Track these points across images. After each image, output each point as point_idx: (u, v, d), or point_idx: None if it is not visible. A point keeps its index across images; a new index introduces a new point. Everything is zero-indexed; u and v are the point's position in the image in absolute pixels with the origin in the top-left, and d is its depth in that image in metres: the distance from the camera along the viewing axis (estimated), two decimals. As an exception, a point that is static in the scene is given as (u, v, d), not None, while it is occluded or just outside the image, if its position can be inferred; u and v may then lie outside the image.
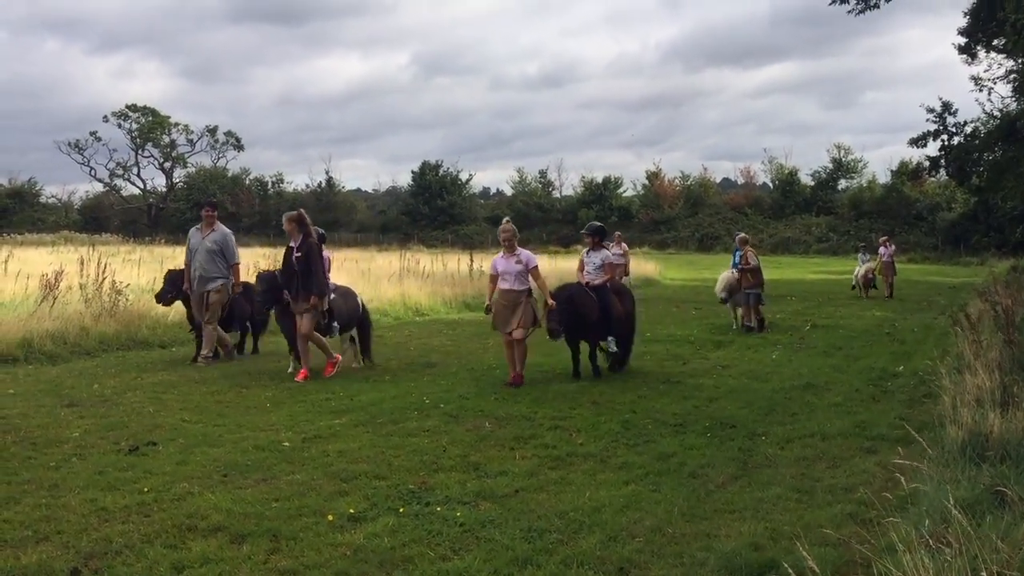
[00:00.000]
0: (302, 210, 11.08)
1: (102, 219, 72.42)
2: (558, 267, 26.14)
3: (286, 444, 7.18)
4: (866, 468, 6.61)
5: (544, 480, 6.26)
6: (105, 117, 78.01)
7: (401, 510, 5.54)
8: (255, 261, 22.35)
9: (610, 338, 10.73)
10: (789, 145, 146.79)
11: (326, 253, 11.43)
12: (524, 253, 10.35)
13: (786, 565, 4.01)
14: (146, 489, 5.89)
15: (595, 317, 10.51)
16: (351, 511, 5.48)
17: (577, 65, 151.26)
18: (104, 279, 14.26)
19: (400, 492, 5.92)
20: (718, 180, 75.56)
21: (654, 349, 13.34)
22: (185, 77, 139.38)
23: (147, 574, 4.50)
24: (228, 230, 12.28)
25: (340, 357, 11.12)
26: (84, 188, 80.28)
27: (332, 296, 11.25)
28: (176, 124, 79.63)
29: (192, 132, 79.87)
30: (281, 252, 11.98)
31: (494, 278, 10.43)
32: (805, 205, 65.28)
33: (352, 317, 11.58)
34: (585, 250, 11.43)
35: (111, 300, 13.72)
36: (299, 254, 10.65)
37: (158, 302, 12.50)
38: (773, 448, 7.22)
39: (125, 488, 5.91)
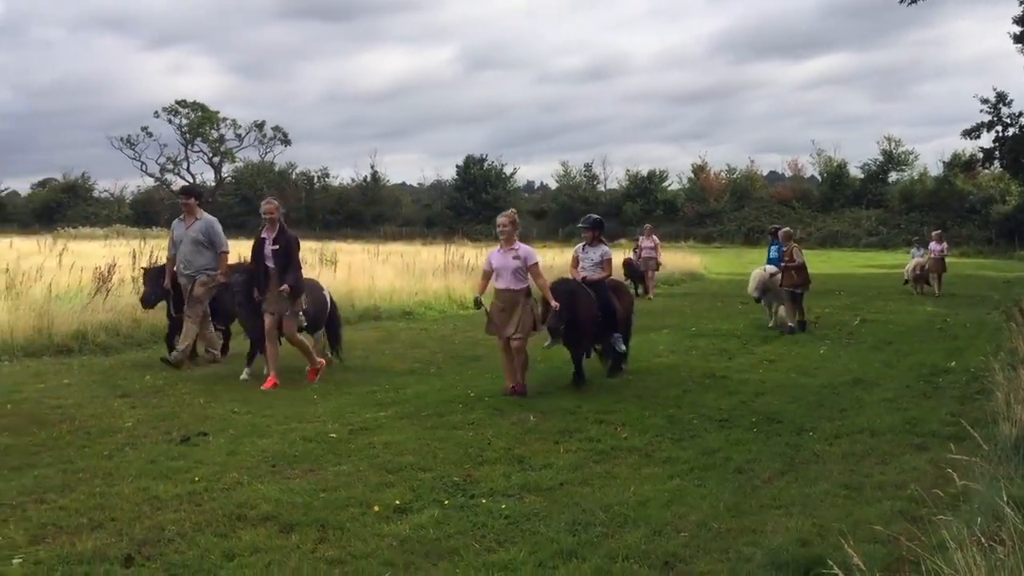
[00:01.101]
0: (273, 198, 10.28)
1: (152, 213, 73.59)
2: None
3: (333, 435, 7.27)
4: (917, 465, 6.52)
5: (589, 474, 6.26)
6: (156, 113, 79.38)
7: (446, 502, 5.58)
8: (302, 255, 22.59)
9: (616, 335, 10.01)
10: (838, 137, 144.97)
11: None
12: (523, 248, 9.32)
13: (832, 563, 3.97)
14: (197, 478, 6.00)
15: (593, 316, 9.60)
16: (397, 502, 5.53)
17: (622, 58, 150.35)
18: (155, 272, 14.48)
19: (445, 484, 5.96)
20: (765, 173, 74.72)
21: (699, 344, 13.25)
22: (235, 73, 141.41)
23: (199, 562, 4.58)
24: (213, 218, 11.47)
25: (324, 363, 10.30)
26: (135, 183, 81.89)
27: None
28: (224, 119, 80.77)
29: (240, 127, 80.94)
30: (327, 246, 11.93)
31: (487, 274, 9.51)
32: (854, 198, 64.25)
33: (320, 313, 10.67)
34: (581, 245, 10.46)
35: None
36: (276, 246, 9.72)
37: (144, 306, 11.56)
38: (821, 444, 7.14)
39: (177, 477, 6.03)
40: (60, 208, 73.95)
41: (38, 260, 18.97)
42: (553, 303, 9.05)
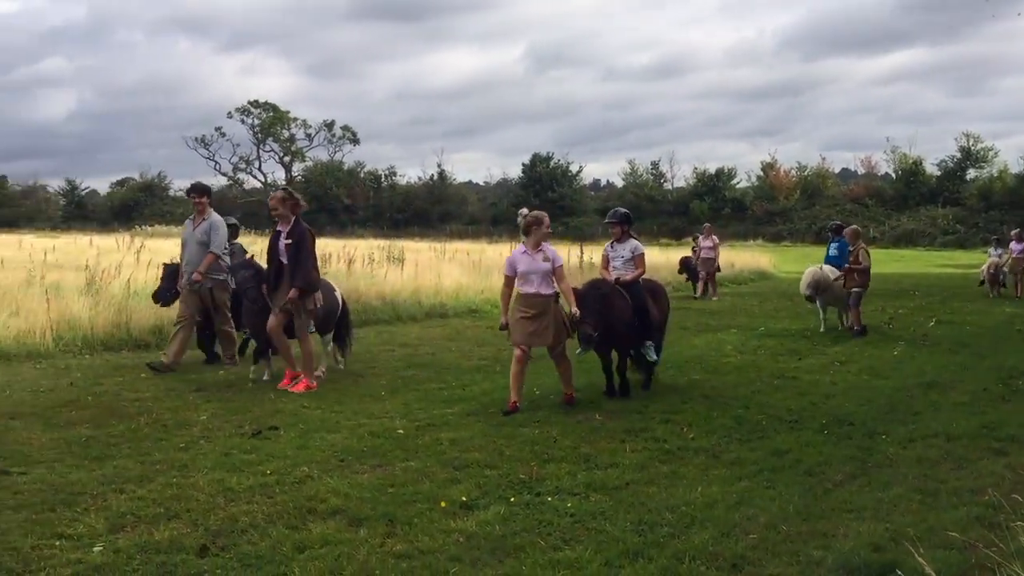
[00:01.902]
0: (290, 188, 9.67)
1: (225, 211, 74.73)
2: (671, 260, 25.86)
3: (400, 432, 7.35)
4: (994, 470, 6.33)
5: (655, 473, 6.22)
6: (229, 113, 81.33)
7: (512, 499, 5.61)
8: (370, 253, 22.91)
9: (648, 343, 9.15)
10: (913, 134, 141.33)
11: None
12: (550, 249, 8.56)
13: (906, 569, 3.88)
14: (268, 472, 6.12)
15: (628, 319, 8.87)
16: (463, 499, 5.57)
17: (691, 55, 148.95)
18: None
19: (511, 481, 5.99)
20: (837, 171, 73.53)
21: (767, 344, 13.06)
22: (307, 74, 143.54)
23: (271, 553, 4.68)
24: (219, 217, 10.93)
25: (316, 385, 9.34)
26: (209, 181, 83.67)
27: None
28: (295, 119, 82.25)
29: (310, 127, 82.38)
30: (395, 244, 11.97)
31: (510, 281, 8.62)
32: (930, 196, 62.67)
33: (332, 314, 10.20)
34: (609, 242, 9.66)
35: (235, 289, 14.25)
36: (288, 240, 9.17)
37: (156, 301, 11.36)
38: (894, 447, 6.98)
39: (249, 470, 6.16)
40: (137, 206, 76.11)
41: (117, 257, 19.54)
42: (575, 309, 8.42)
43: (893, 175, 67.95)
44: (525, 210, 8.87)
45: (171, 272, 11.17)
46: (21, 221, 72.33)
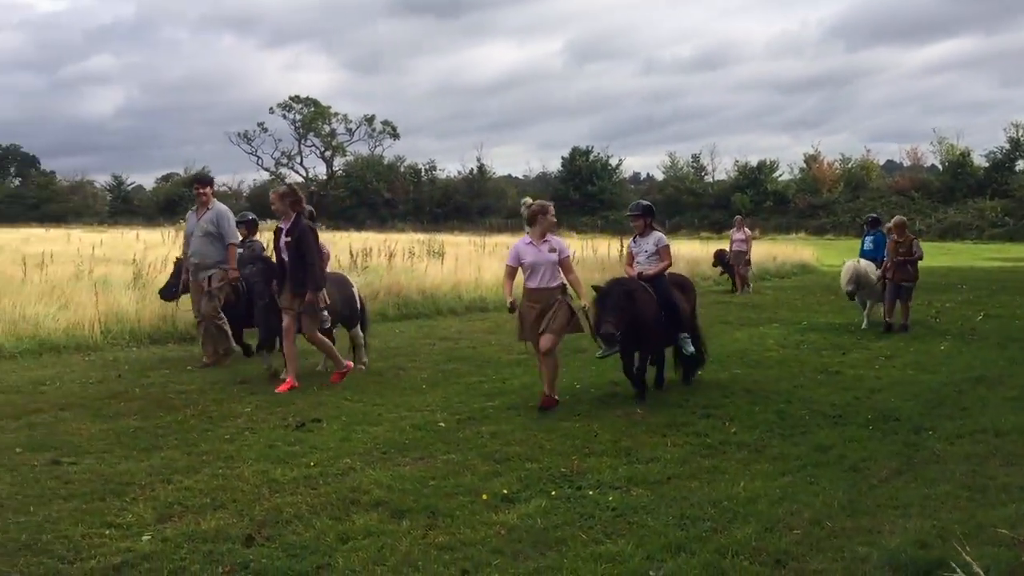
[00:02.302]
0: (293, 184, 9.28)
1: (268, 206, 75.97)
2: (710, 253, 25.62)
3: (441, 424, 7.39)
4: (1045, 467, 6.21)
5: (696, 468, 6.19)
6: (271, 108, 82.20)
7: (553, 492, 5.61)
8: (410, 247, 23.03)
9: (683, 335, 8.85)
10: (961, 125, 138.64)
11: (320, 241, 9.85)
12: (555, 239, 8.23)
13: (955, 566, 3.83)
14: (312, 463, 6.20)
15: (653, 317, 8.46)
16: (505, 491, 5.59)
17: (733, 46, 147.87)
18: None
19: (552, 475, 5.99)
20: (881, 162, 72.32)
21: (811, 338, 12.92)
22: (348, 69, 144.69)
23: (315, 543, 4.74)
24: (225, 207, 10.72)
25: (351, 364, 9.64)
26: (252, 176, 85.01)
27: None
28: (336, 114, 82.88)
29: (351, 122, 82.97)
30: (435, 238, 11.95)
31: (512, 271, 8.34)
32: (978, 188, 61.41)
33: (350, 309, 10.11)
34: (632, 237, 9.27)
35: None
36: (288, 238, 8.90)
37: (163, 297, 11.30)
38: (941, 443, 6.87)
39: (293, 462, 6.24)
40: (182, 201, 77.09)
41: (163, 251, 19.86)
42: (584, 303, 8.14)
43: (940, 167, 66.76)
44: (528, 199, 8.58)
45: (180, 268, 10.97)
46: (69, 216, 73.73)
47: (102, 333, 11.90)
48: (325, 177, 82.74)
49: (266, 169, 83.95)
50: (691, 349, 8.91)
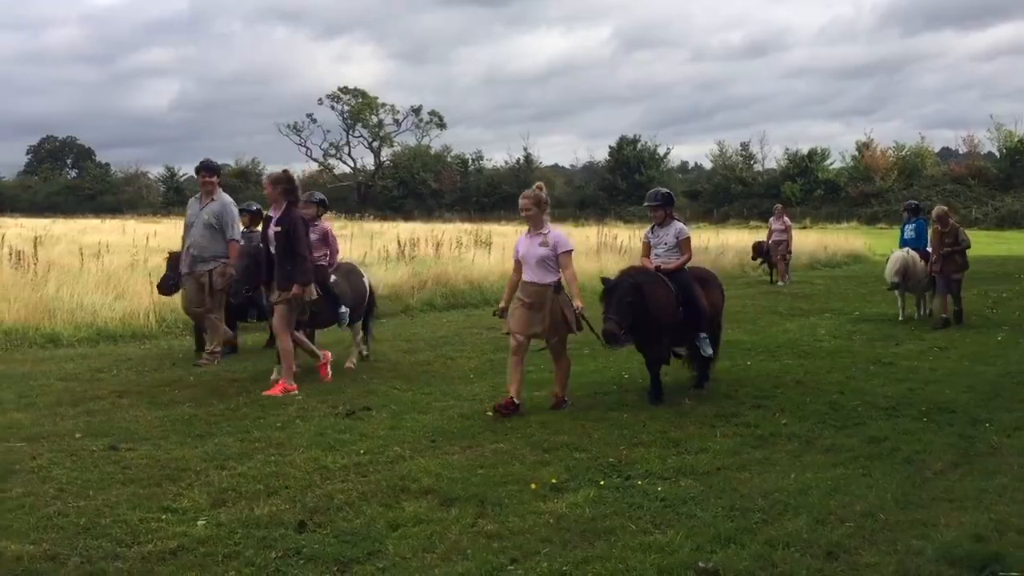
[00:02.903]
0: (288, 170, 8.94)
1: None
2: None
3: (489, 414, 7.41)
4: (1108, 461, 6.05)
5: (747, 459, 6.14)
6: (320, 100, 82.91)
7: (601, 482, 5.61)
8: (457, 237, 23.10)
9: (702, 335, 8.17)
10: (1019, 111, 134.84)
11: (325, 225, 9.82)
12: (554, 233, 7.70)
13: (1012, 560, 3.76)
14: (362, 451, 6.26)
15: (671, 313, 7.89)
16: (553, 481, 5.60)
17: (784, 32, 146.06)
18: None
19: (600, 465, 5.99)
20: (937, 150, 70.77)
21: (863, 328, 12.72)
22: (396, 59, 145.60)
23: (365, 530, 4.79)
24: (229, 199, 10.19)
25: (328, 355, 9.01)
26: (301, 167, 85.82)
27: (333, 278, 9.45)
28: (383, 104, 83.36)
29: (398, 112, 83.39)
30: (482, 228, 11.82)
31: (519, 266, 7.80)
32: (1037, 175, 59.85)
33: (360, 300, 9.73)
34: (650, 227, 8.68)
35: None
36: (278, 228, 8.37)
37: (160, 292, 10.83)
38: (998, 436, 6.72)
39: (343, 449, 6.31)
40: (232, 192, 77.97)
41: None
42: (577, 303, 7.47)
43: (997, 154, 65.15)
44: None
45: (176, 262, 10.44)
46: (124, 207, 75.15)
47: (157, 322, 12.15)
48: (373, 167, 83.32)
49: (315, 160, 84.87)
50: (709, 351, 8.28)
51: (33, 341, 11.02)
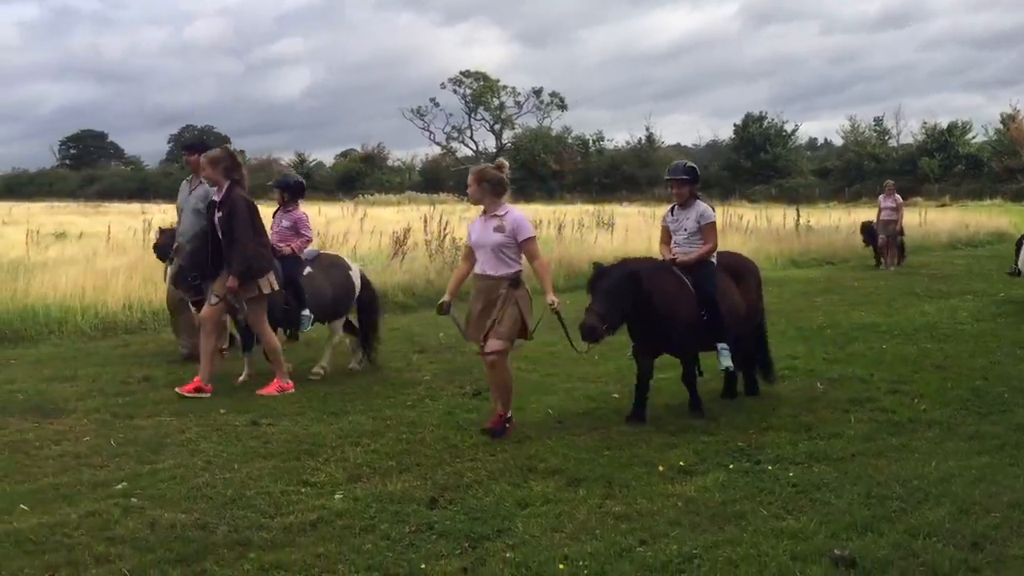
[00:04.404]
0: (227, 146, 7.99)
1: (439, 180, 78.02)
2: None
3: (615, 396, 7.41)
4: None
5: (883, 446, 5.94)
6: (442, 84, 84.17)
7: (730, 466, 5.54)
8: (579, 218, 23.03)
9: (720, 346, 6.83)
10: None
11: (299, 212, 8.74)
12: (512, 215, 6.33)
13: None
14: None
15: (687, 313, 6.66)
16: (681, 463, 5.56)
17: (922, 1, 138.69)
18: (444, 236, 15.45)
19: (729, 448, 5.91)
20: (1091, 120, 66.18)
21: (1009, 310, 12.08)
22: (520, 41, 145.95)
23: (495, 507, 4.87)
24: None
25: (291, 385, 7.74)
26: (424, 151, 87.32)
27: (308, 271, 8.37)
28: (504, 87, 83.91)
29: (519, 94, 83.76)
30: (604, 209, 11.59)
31: (469, 253, 6.64)
32: None
33: (341, 299, 8.58)
34: (669, 209, 7.34)
35: (451, 255, 14.80)
36: (220, 213, 7.50)
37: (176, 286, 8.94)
38: None
39: (471, 428, 6.43)
40: (359, 177, 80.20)
41: (343, 225, 20.74)
42: (551, 298, 6.19)
43: None
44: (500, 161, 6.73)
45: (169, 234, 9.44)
46: (257, 191, 78.03)
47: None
48: (494, 150, 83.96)
49: (438, 143, 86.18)
50: (728, 364, 6.90)
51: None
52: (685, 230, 7.02)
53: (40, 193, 72.23)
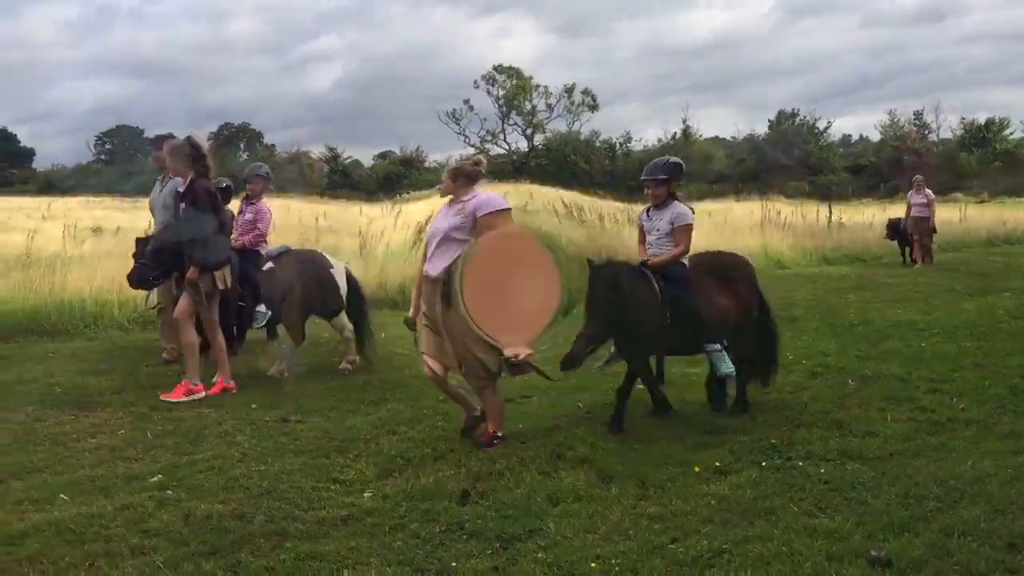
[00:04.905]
0: (194, 134, 7.51)
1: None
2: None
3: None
4: None
5: (921, 445, 5.86)
6: (475, 82, 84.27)
7: (763, 463, 5.50)
8: (612, 213, 22.91)
9: (714, 348, 6.67)
10: None
11: (262, 204, 8.54)
12: (478, 198, 5.74)
13: None
14: (520, 425, 6.39)
15: (655, 316, 6.20)
16: (717, 464, 5.52)
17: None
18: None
19: (762, 446, 5.86)
20: None
21: (1050, 309, 11.85)
22: (555, 33, 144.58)
23: (526, 503, 4.87)
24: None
25: (234, 386, 7.64)
26: (459, 152, 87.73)
27: (269, 266, 8.23)
28: (537, 86, 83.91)
29: (551, 95, 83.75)
30: (633, 208, 11.41)
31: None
32: None
33: (315, 296, 8.39)
34: (645, 208, 6.91)
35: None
36: (183, 204, 7.40)
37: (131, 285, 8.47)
38: None
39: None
40: (398, 178, 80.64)
41: (381, 223, 20.82)
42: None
43: None
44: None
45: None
46: (287, 186, 78.44)
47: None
48: (527, 150, 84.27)
49: (472, 146, 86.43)
50: (728, 369, 6.72)
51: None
52: (658, 231, 6.65)
53: (78, 188, 73.19)
